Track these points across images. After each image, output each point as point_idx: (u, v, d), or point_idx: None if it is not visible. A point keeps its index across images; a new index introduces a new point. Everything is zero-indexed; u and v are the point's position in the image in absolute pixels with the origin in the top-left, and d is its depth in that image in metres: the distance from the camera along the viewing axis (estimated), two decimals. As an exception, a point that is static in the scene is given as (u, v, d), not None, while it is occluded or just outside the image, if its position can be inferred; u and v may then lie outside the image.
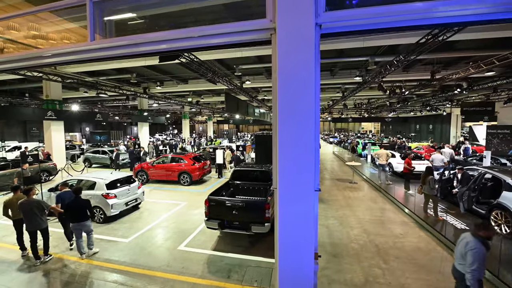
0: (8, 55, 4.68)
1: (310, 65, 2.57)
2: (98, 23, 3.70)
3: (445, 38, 7.06)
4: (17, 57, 4.73)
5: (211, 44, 3.49)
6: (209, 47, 3.61)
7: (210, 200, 5.34)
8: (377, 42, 10.26)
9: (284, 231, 2.69)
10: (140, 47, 3.59)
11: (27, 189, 4.87)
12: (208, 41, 3.44)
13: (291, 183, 2.62)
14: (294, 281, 2.74)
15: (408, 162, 9.15)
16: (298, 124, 2.59)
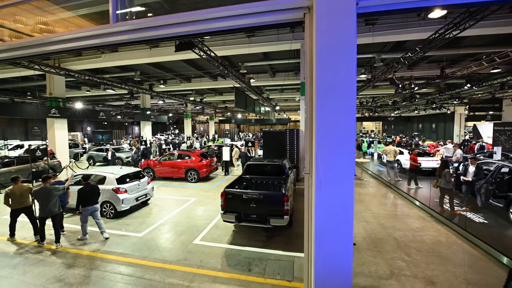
0: (27, 40, 4.58)
1: (351, 46, 2.46)
2: (119, 4, 3.60)
3: (458, 32, 7.00)
4: (37, 42, 4.63)
5: (237, 25, 3.40)
6: (235, 30, 3.52)
7: (226, 193, 5.21)
8: (386, 38, 10.19)
9: (321, 217, 2.57)
10: (164, 29, 3.49)
11: (45, 177, 5.15)
12: (234, 22, 3.34)
13: (329, 167, 2.50)
14: (333, 272, 2.61)
15: (413, 158, 9.07)
16: (337, 108, 2.46)
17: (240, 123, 39.39)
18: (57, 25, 5.78)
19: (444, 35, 6.67)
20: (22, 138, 22.91)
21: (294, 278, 3.97)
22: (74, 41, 3.95)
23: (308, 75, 2.80)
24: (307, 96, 2.86)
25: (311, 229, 2.80)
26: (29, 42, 4.81)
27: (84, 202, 5.30)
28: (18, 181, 5.31)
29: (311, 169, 2.88)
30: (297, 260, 4.50)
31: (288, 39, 10.73)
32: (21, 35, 5.31)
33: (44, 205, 4.98)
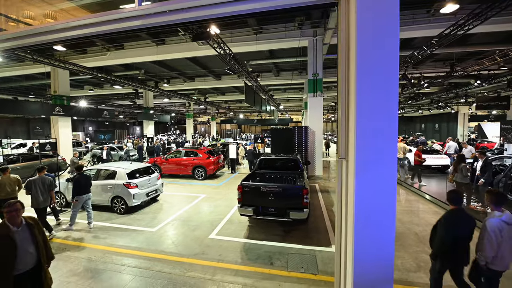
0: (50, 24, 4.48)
1: (393, 20, 2.34)
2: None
3: (469, 28, 6.95)
4: (60, 26, 4.53)
5: (266, 7, 3.31)
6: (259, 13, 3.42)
7: (243, 186, 5.09)
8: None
9: (362, 204, 2.43)
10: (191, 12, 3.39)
11: (40, 168, 5.36)
12: (263, 4, 3.26)
13: (372, 150, 2.37)
14: (373, 261, 2.47)
15: (418, 154, 8.99)
16: (380, 86, 2.33)
17: (242, 123, 39.33)
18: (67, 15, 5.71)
19: (457, 32, 6.60)
20: (24, 137, 22.72)
21: (319, 272, 3.84)
22: (100, 25, 3.85)
23: (344, 55, 2.69)
24: (341, 77, 2.75)
25: (349, 217, 2.67)
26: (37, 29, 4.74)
27: (79, 190, 5.51)
28: (7, 172, 5.34)
29: (347, 154, 2.77)
30: (318, 254, 4.38)
31: (296, 36, 10.67)
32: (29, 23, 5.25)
33: (37, 195, 5.07)
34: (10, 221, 2.44)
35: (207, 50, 11.58)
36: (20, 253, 2.37)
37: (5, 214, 2.42)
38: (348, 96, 2.68)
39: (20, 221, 2.48)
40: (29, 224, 2.55)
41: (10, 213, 2.43)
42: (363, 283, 2.54)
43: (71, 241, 5.00)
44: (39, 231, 2.61)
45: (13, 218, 2.44)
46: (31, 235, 2.50)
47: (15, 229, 2.42)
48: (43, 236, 2.65)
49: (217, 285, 3.54)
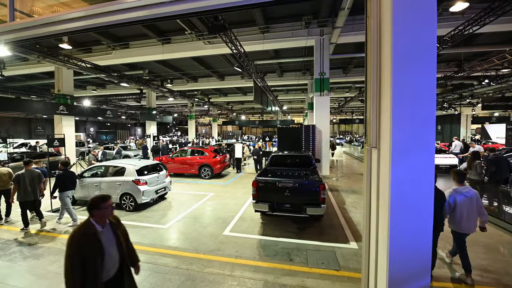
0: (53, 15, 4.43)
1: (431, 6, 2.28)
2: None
3: (486, 22, 6.94)
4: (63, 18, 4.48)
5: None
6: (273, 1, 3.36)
7: (258, 182, 4.99)
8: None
9: (398, 194, 2.31)
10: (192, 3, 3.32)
11: (27, 161, 5.32)
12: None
13: (409, 136, 2.28)
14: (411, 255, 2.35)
15: None
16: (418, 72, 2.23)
17: (244, 125, 39.30)
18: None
19: (471, 27, 6.59)
20: (25, 137, 22.60)
21: (341, 268, 3.73)
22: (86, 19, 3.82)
23: (375, 42, 2.62)
24: (372, 65, 2.68)
25: (382, 208, 2.58)
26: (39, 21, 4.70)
27: (63, 187, 5.35)
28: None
29: (378, 142, 2.69)
30: (337, 250, 4.27)
31: (302, 35, 10.66)
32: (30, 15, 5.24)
33: (24, 189, 5.04)
34: (100, 219, 2.02)
35: (213, 50, 11.60)
36: (105, 258, 1.97)
37: (95, 211, 1.99)
38: (380, 83, 2.61)
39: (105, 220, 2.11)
40: (112, 223, 2.15)
41: (105, 209, 2.02)
42: (399, 276, 2.43)
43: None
44: (122, 231, 2.21)
45: (105, 216, 2.05)
46: (114, 236, 2.10)
47: (100, 229, 2.01)
48: (125, 236, 2.23)
49: (238, 281, 3.43)
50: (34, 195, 5.20)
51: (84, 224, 1.99)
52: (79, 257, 1.83)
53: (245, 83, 19.27)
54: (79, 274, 1.81)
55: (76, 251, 1.84)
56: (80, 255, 1.83)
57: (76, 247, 1.85)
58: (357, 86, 21.29)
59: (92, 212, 2.01)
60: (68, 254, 1.84)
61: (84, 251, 1.86)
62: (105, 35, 11.27)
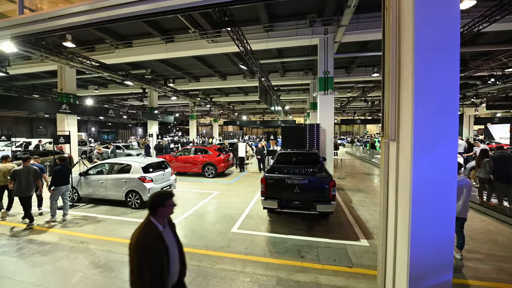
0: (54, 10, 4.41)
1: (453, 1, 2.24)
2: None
3: (487, 25, 6.91)
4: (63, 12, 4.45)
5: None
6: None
7: (267, 178, 4.94)
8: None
9: (420, 188, 2.24)
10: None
11: (26, 157, 5.37)
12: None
13: (432, 126, 2.23)
14: (433, 250, 2.29)
15: None
16: (440, 66, 2.19)
17: (245, 125, 39.26)
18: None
19: (481, 23, 6.55)
20: (27, 136, 22.55)
21: (354, 265, 3.68)
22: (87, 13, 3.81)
23: (394, 34, 2.58)
24: (391, 56, 2.63)
25: (401, 202, 2.52)
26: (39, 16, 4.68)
27: (59, 181, 5.45)
28: (6, 160, 5.78)
29: (397, 135, 2.64)
30: (349, 247, 4.21)
31: (307, 34, 10.62)
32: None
33: (20, 184, 5.10)
34: (162, 218, 1.83)
35: (217, 48, 11.57)
36: (171, 261, 1.78)
37: (160, 208, 1.80)
38: (399, 75, 2.56)
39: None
40: (170, 222, 1.98)
41: (169, 207, 1.85)
42: (420, 272, 2.37)
43: (87, 234, 4.81)
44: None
45: (168, 214, 1.87)
46: (174, 236, 1.92)
47: (162, 229, 1.80)
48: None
49: (250, 277, 3.37)
50: (28, 191, 5.21)
51: (146, 224, 1.77)
52: (147, 261, 1.64)
53: (247, 83, 19.24)
54: (148, 280, 1.62)
55: (144, 255, 1.64)
56: (148, 259, 1.65)
57: (143, 250, 1.65)
58: (359, 86, 21.27)
59: (156, 210, 1.79)
60: (134, 258, 1.64)
61: (152, 254, 1.67)
62: (108, 33, 11.24)
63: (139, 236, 1.71)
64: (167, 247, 1.76)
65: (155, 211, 1.79)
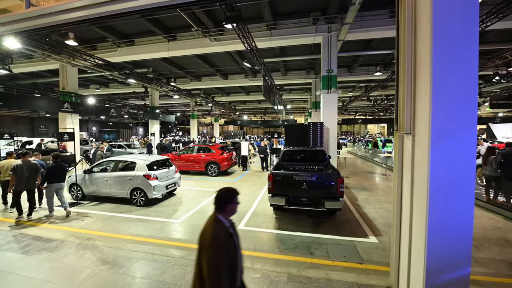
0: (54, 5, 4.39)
1: None
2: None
3: (495, 21, 6.89)
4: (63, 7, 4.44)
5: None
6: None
7: (274, 175, 4.90)
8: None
9: (438, 181, 2.20)
10: None
11: (24, 153, 5.47)
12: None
13: (450, 124, 2.17)
14: (451, 246, 2.24)
15: None
16: (458, 58, 2.14)
17: (246, 124, 39.23)
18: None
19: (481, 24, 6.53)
20: (28, 136, 22.51)
21: (364, 261, 3.64)
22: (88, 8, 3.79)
23: (410, 22, 2.54)
24: (407, 48, 2.59)
25: (417, 197, 2.49)
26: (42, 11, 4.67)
27: (51, 179, 5.45)
28: (11, 156, 5.99)
29: (413, 128, 2.60)
30: (358, 244, 4.18)
31: (310, 32, 10.59)
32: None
33: (21, 179, 5.19)
34: (228, 216, 1.71)
35: (219, 47, 11.54)
36: (239, 262, 1.67)
37: (229, 205, 1.69)
38: (415, 65, 2.53)
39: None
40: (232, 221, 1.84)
41: (237, 204, 1.75)
42: (437, 267, 2.33)
43: (93, 231, 4.77)
44: None
45: (234, 211, 1.74)
46: (237, 236, 1.78)
47: (228, 225, 1.69)
48: None
49: (261, 273, 3.33)
50: (31, 185, 5.34)
51: (216, 221, 1.65)
52: (226, 262, 1.53)
53: (249, 82, 19.21)
54: (227, 282, 1.50)
55: (223, 255, 1.53)
56: (227, 259, 1.54)
57: (221, 250, 1.53)
58: (361, 85, 21.24)
59: (225, 206, 1.68)
60: (212, 259, 1.50)
61: (229, 254, 1.56)
62: (111, 31, 11.21)
63: (215, 234, 1.57)
64: (236, 246, 1.67)
65: (224, 208, 1.69)
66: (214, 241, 1.54)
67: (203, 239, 1.58)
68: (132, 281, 3.18)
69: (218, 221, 1.65)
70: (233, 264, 1.59)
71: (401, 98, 2.70)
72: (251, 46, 7.88)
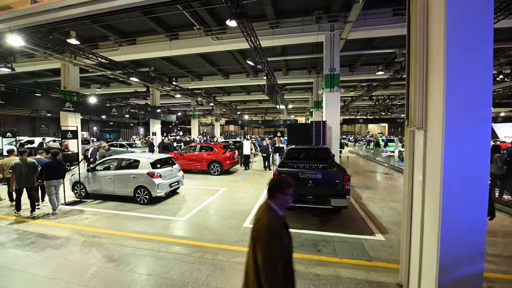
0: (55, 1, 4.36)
1: None
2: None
3: (502, 18, 6.84)
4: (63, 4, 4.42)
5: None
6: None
7: (280, 172, 4.88)
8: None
9: (452, 177, 2.16)
10: None
11: (22, 151, 5.55)
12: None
13: (464, 118, 2.14)
14: (465, 242, 2.21)
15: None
16: (475, 45, 2.10)
17: (247, 124, 39.19)
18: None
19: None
20: (30, 135, 22.49)
21: (372, 258, 3.61)
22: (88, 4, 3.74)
23: (422, 14, 2.51)
24: (419, 42, 2.57)
25: (429, 193, 2.46)
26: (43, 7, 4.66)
27: (48, 176, 5.49)
28: (12, 154, 6.07)
29: (425, 123, 2.57)
30: (365, 242, 4.15)
31: (313, 31, 10.56)
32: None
33: (20, 177, 5.23)
34: (280, 205, 1.65)
35: (221, 46, 11.50)
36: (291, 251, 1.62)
37: (279, 194, 1.64)
38: (427, 58, 2.50)
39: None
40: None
41: (289, 196, 1.69)
42: (450, 263, 2.30)
43: (98, 228, 4.75)
44: None
45: (287, 204, 1.68)
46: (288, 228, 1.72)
47: (281, 214, 1.64)
48: None
49: (268, 270, 3.30)
50: (30, 183, 5.37)
51: (269, 208, 1.59)
52: (281, 251, 1.46)
53: (250, 82, 19.18)
54: (282, 274, 1.44)
55: (278, 243, 1.46)
56: (282, 248, 1.48)
57: (275, 236, 1.47)
58: (363, 85, 21.21)
59: (275, 194, 1.63)
60: (268, 247, 1.43)
61: (283, 243, 1.50)
62: (113, 30, 11.18)
63: (269, 222, 1.51)
64: (290, 236, 1.61)
65: (274, 196, 1.65)
66: (269, 229, 1.48)
67: (257, 227, 1.53)
68: (139, 278, 3.15)
69: (271, 209, 1.60)
70: (286, 254, 1.54)
71: (413, 93, 2.67)
72: (255, 44, 7.84)
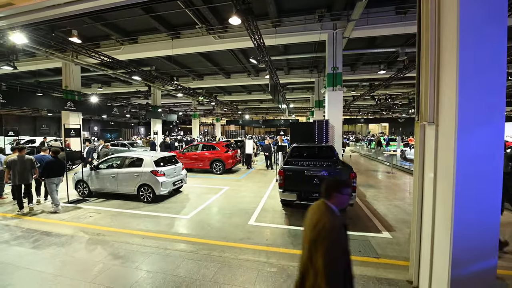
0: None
1: None
2: None
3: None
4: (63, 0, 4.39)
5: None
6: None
7: (285, 170, 4.85)
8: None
9: (465, 172, 2.14)
10: None
11: (20, 147, 5.63)
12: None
13: (477, 112, 2.12)
14: (478, 237, 2.18)
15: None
16: (488, 39, 2.07)
17: (247, 124, 39.18)
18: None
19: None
20: (30, 135, 22.49)
21: (380, 256, 3.59)
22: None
23: (434, 7, 2.48)
24: (430, 35, 2.53)
25: (441, 187, 2.43)
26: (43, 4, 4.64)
27: (50, 173, 5.54)
28: (15, 151, 5.96)
29: (436, 118, 2.55)
30: (371, 239, 4.12)
31: (315, 29, 10.53)
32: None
33: (17, 173, 5.30)
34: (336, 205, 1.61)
35: (223, 44, 11.49)
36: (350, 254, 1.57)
37: (335, 194, 1.59)
38: (439, 51, 2.47)
39: None
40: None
41: (347, 197, 1.65)
42: (462, 259, 2.26)
43: (102, 226, 4.72)
44: None
45: (344, 204, 1.64)
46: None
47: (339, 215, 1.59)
48: None
49: (277, 267, 3.28)
50: (26, 179, 5.45)
51: (328, 209, 1.56)
52: (340, 252, 1.43)
53: (252, 81, 19.16)
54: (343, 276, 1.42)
55: (340, 244, 1.43)
56: (344, 248, 1.46)
57: (339, 239, 1.43)
58: (364, 84, 21.20)
59: (331, 194, 1.59)
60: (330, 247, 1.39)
61: (342, 245, 1.46)
62: (114, 29, 11.16)
63: (333, 224, 1.46)
64: (349, 241, 1.55)
65: (330, 196, 1.61)
66: (333, 232, 1.43)
67: (318, 229, 1.46)
68: (146, 275, 3.12)
69: (331, 210, 1.56)
70: (348, 258, 1.51)
71: (424, 87, 2.64)
72: (258, 42, 7.81)
